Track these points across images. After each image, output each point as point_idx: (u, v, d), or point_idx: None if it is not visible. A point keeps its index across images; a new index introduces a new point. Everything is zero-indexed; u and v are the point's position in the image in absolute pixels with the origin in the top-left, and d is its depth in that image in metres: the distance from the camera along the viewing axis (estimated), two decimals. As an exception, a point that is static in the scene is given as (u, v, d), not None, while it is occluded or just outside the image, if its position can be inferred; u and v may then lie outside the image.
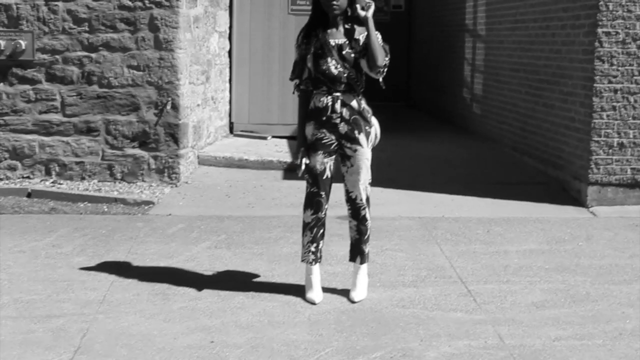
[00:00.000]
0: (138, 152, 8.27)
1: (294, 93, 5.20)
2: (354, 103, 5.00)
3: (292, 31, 10.36)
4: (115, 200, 7.67)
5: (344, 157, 5.08)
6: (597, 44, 7.68)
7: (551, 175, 8.73)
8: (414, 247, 6.45)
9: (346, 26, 4.97)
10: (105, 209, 7.54)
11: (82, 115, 8.30)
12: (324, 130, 5.01)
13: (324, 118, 5.00)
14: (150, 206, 7.57)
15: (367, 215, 5.20)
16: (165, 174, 8.27)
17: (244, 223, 7.05)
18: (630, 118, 7.77)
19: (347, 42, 4.96)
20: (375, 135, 5.11)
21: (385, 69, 4.96)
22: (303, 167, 5.06)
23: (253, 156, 9.17)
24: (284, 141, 10.32)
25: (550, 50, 8.83)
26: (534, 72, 9.34)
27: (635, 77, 7.74)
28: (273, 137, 10.52)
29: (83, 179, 8.32)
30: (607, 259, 6.25)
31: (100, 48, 8.21)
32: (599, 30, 7.67)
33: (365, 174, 5.09)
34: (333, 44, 4.95)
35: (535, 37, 9.33)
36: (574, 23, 8.19)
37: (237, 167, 9.02)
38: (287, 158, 9.19)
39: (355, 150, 5.04)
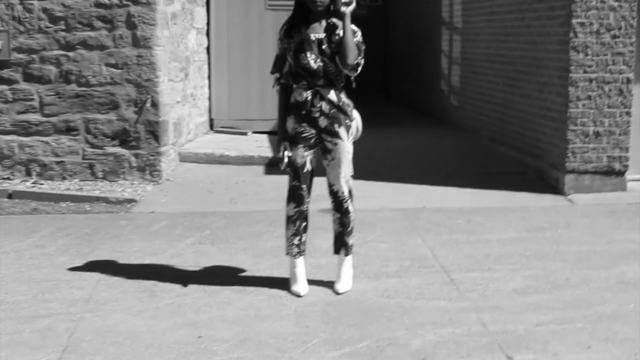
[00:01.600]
0: (119, 150, 8.29)
1: (274, 87, 5.22)
2: (334, 97, 5.03)
3: (270, 26, 10.44)
4: (98, 199, 7.69)
5: (325, 151, 5.12)
6: (571, 34, 7.77)
7: (529, 165, 8.81)
8: (396, 238, 6.51)
9: (328, 21, 5.00)
10: (88, 208, 7.56)
11: (61, 114, 8.31)
12: (304, 124, 5.05)
13: (304, 112, 5.03)
14: (133, 204, 7.60)
15: (350, 208, 5.24)
16: (147, 172, 8.30)
17: (227, 219, 7.09)
18: (605, 107, 7.88)
19: (326, 37, 4.99)
20: (357, 128, 5.15)
21: (359, 68, 4.98)
22: (285, 160, 5.08)
23: (234, 152, 9.22)
24: (264, 136, 10.36)
25: (526, 42, 8.91)
26: (510, 63, 9.43)
27: (609, 67, 7.84)
28: (253, 132, 10.56)
29: (64, 178, 8.33)
30: (586, 245, 6.35)
31: (78, 46, 8.22)
32: (574, 21, 7.75)
33: (347, 167, 5.12)
34: (313, 38, 4.99)
35: (511, 29, 9.41)
36: (549, 14, 8.28)
37: (218, 163, 9.06)
38: (268, 153, 9.23)
39: (336, 144, 5.07)
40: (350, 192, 5.22)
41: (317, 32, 5.00)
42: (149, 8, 8.18)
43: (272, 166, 8.87)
